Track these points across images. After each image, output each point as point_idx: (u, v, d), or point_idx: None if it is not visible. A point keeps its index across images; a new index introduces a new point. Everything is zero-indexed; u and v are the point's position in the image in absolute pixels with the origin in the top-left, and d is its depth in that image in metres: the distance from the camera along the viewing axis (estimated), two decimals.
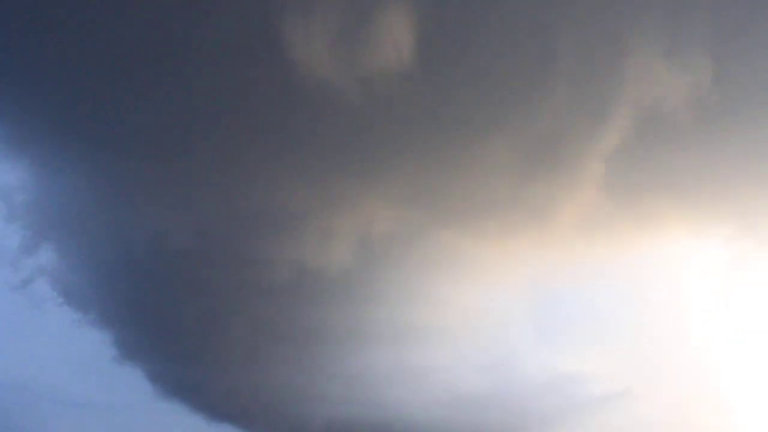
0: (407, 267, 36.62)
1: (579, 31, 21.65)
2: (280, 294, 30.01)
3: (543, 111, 22.24)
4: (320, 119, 21.48)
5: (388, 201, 27.35)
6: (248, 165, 24.18)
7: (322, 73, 20.54)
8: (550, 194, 27.72)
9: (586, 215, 33.13)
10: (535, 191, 27.52)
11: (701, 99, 22.90)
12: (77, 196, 28.35)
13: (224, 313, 30.57)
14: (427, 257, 37.05)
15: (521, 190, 27.24)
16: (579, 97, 22.20)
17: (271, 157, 23.53)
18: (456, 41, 21.48)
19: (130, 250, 28.45)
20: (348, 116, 21.68)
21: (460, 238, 33.61)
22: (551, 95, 21.79)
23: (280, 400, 44.83)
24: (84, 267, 34.16)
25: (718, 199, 29.70)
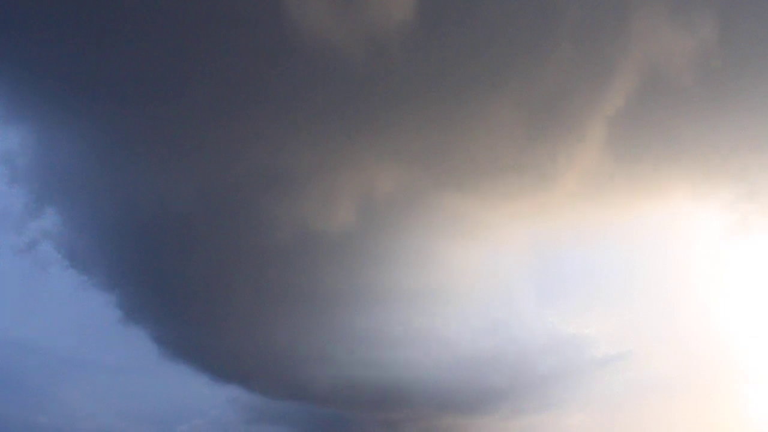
0: (410, 229, 36.66)
1: None
2: (283, 256, 30.19)
3: (547, 70, 22.08)
4: (322, 80, 21.38)
5: (390, 162, 27.32)
6: (250, 126, 24.16)
7: (324, 33, 20.37)
8: (553, 156, 27.66)
9: (588, 178, 32.96)
10: (538, 153, 27.45)
11: (706, 61, 22.67)
12: (80, 160, 28.38)
13: (228, 275, 30.82)
14: (430, 219, 37.04)
15: (524, 152, 27.17)
16: (583, 56, 22.02)
17: (273, 118, 23.48)
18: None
19: (133, 212, 28.58)
20: (350, 76, 21.58)
21: (463, 200, 33.59)
22: (555, 54, 21.62)
23: (285, 361, 45.06)
24: (88, 230, 34.24)
25: (720, 164, 29.62)
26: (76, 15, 20.02)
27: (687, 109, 25.35)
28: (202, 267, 30.63)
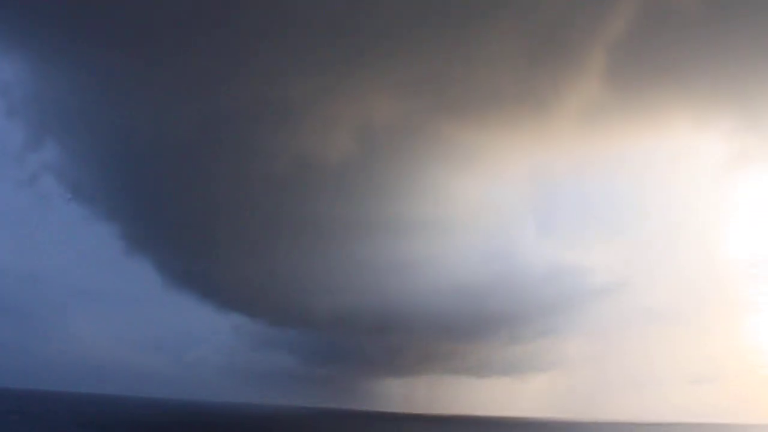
0: (409, 159, 36.94)
1: None
2: (283, 185, 30.56)
3: None
4: (321, 9, 21.20)
5: (389, 92, 27.40)
6: (248, 56, 24.04)
7: None
8: (553, 85, 27.67)
9: (588, 107, 33.13)
10: (538, 82, 27.47)
11: None
12: (78, 91, 28.34)
13: (229, 205, 31.22)
14: (429, 149, 37.23)
15: (524, 81, 27.19)
16: None
17: (272, 47, 23.36)
18: None
19: (133, 143, 28.78)
20: (349, 6, 21.38)
21: (462, 130, 33.76)
22: None
23: (287, 289, 45.85)
24: (89, 162, 34.49)
25: (720, 93, 29.66)
26: None
27: (688, 37, 25.16)
28: (203, 197, 31.03)
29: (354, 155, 33.29)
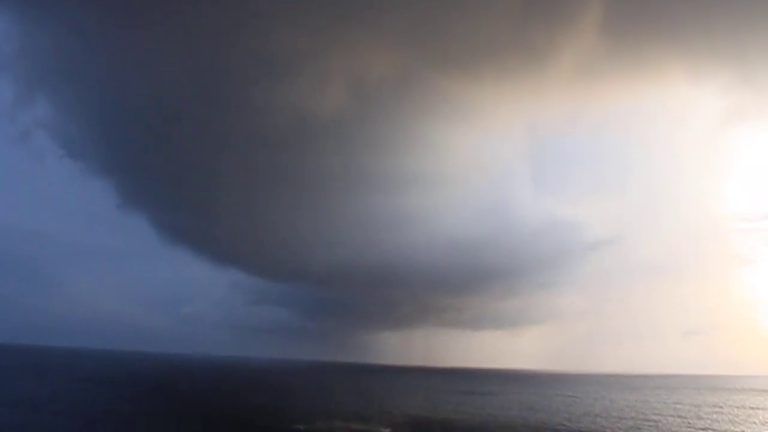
0: (403, 112, 36.69)
1: None
2: (277, 140, 30.40)
3: None
4: None
5: (383, 44, 27.09)
6: (242, 10, 23.68)
7: None
8: (549, 38, 27.36)
9: (584, 60, 32.78)
10: (533, 34, 27.14)
11: None
12: (68, 47, 27.97)
13: (223, 160, 31.08)
14: (424, 102, 36.96)
15: (519, 33, 26.86)
16: None
17: (264, 1, 22.97)
18: None
19: (126, 99, 28.51)
20: None
21: (457, 83, 33.47)
22: None
23: (282, 245, 45.95)
24: (81, 118, 34.21)
25: (717, 46, 29.35)
26: None
27: None
28: (198, 152, 30.88)
29: (349, 109, 33.20)
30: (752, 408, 27.26)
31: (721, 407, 26.81)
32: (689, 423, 19.52)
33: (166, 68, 29.87)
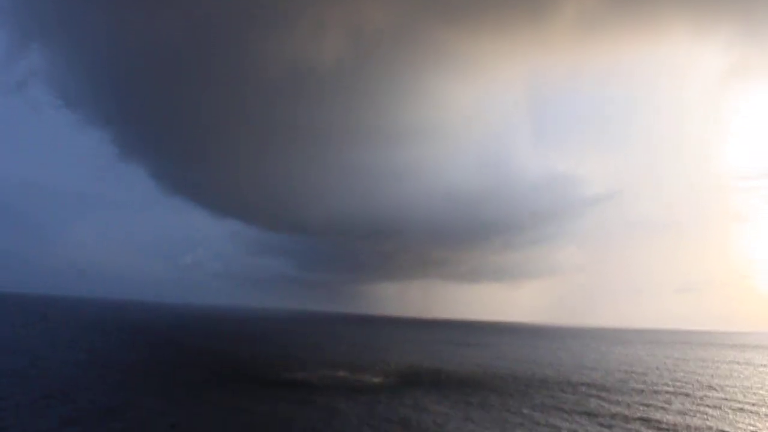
0: (402, 64, 36.52)
1: None
2: (275, 91, 30.34)
3: None
4: None
5: None
6: None
7: None
8: None
9: (585, 14, 32.53)
10: None
11: None
12: None
13: (221, 111, 31.10)
14: (422, 54, 36.81)
15: None
16: None
17: None
18: None
19: (123, 48, 28.37)
20: None
21: (457, 35, 33.27)
22: None
23: (281, 196, 46.25)
24: (78, 67, 34.07)
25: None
26: None
27: None
28: (195, 103, 30.89)
29: (347, 60, 32.85)
30: (736, 363, 27.79)
31: (705, 361, 27.38)
32: (674, 376, 19.97)
33: (163, 17, 29.66)
